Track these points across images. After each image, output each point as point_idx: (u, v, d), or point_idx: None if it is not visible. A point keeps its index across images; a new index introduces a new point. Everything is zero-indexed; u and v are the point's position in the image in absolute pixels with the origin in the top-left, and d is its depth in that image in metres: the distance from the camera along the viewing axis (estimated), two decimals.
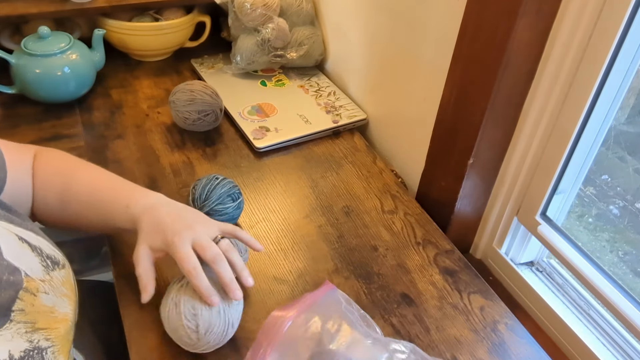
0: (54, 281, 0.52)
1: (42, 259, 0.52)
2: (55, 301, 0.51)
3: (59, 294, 0.52)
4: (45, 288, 0.50)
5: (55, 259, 0.55)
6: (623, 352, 0.71)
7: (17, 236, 0.51)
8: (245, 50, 1.12)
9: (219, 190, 0.76)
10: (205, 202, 0.76)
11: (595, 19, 0.63)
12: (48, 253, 0.54)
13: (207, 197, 0.76)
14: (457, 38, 0.75)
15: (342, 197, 0.89)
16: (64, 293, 0.53)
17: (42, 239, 0.55)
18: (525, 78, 0.72)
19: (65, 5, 1.08)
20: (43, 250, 0.54)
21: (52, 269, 0.53)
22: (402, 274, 0.77)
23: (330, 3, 1.13)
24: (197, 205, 0.76)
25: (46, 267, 0.52)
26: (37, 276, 0.50)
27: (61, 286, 0.53)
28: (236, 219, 0.80)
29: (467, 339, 0.69)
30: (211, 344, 0.61)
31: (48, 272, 0.52)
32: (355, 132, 1.05)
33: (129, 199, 0.67)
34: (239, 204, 0.78)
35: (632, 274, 0.78)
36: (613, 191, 0.82)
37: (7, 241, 0.49)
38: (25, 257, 0.50)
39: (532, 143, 0.76)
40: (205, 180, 0.77)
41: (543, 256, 0.85)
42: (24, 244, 0.51)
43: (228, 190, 0.77)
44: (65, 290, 0.53)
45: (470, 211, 0.87)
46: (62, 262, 0.56)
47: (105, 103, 1.06)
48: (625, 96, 0.67)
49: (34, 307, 0.48)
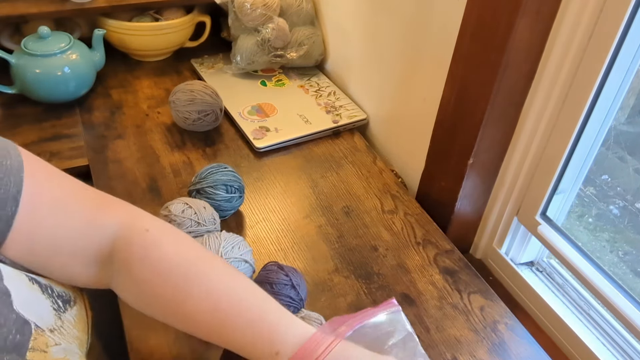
0: (65, 326, 0.48)
1: (53, 300, 0.48)
2: (67, 350, 0.47)
3: (71, 339, 0.48)
4: (55, 339, 0.46)
5: (65, 296, 0.50)
6: (623, 352, 0.71)
7: (27, 277, 0.47)
8: (245, 50, 1.12)
9: (217, 176, 0.78)
10: (199, 181, 0.78)
11: (595, 19, 0.63)
12: (58, 292, 0.49)
13: (203, 177, 0.79)
14: (457, 38, 0.75)
15: (342, 197, 0.89)
16: (75, 336, 0.49)
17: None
18: (525, 78, 0.72)
19: (65, 5, 1.08)
20: (54, 289, 0.49)
21: (64, 310, 0.48)
22: (402, 274, 0.77)
23: (330, 3, 1.13)
24: (193, 181, 0.79)
25: (57, 309, 0.48)
26: (47, 326, 0.46)
27: (73, 329, 0.49)
28: (226, 211, 0.80)
29: (467, 339, 0.69)
30: None
31: (59, 317, 0.48)
32: (355, 132, 1.05)
33: (277, 335, 0.48)
34: (232, 198, 0.79)
35: (632, 274, 0.78)
36: (613, 191, 0.82)
37: (18, 286, 0.44)
38: (36, 303, 0.45)
39: (532, 143, 0.76)
40: (215, 165, 0.80)
41: (543, 256, 0.85)
42: (35, 285, 0.47)
43: (225, 180, 0.78)
44: (77, 333, 0.49)
45: (470, 211, 0.87)
46: (72, 297, 0.51)
47: (105, 103, 1.06)
48: (625, 96, 0.67)
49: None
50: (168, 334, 0.66)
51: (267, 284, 0.64)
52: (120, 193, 0.85)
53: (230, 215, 0.83)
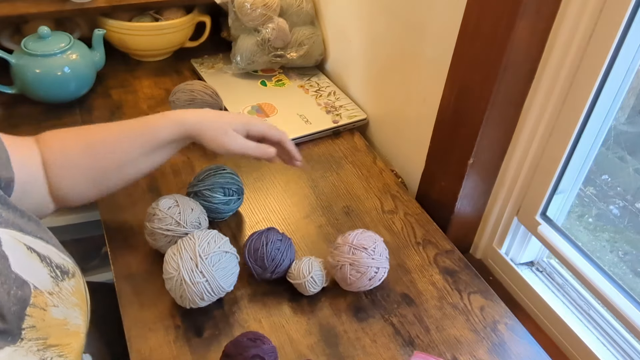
0: (63, 292, 0.51)
1: (51, 269, 0.51)
2: (66, 313, 0.50)
3: (70, 305, 0.51)
4: (54, 301, 0.49)
5: (64, 268, 0.54)
6: (623, 352, 0.71)
7: (25, 246, 0.50)
8: (245, 50, 1.12)
9: (216, 178, 0.77)
10: (197, 183, 0.77)
11: (595, 19, 0.63)
12: (57, 262, 0.53)
13: (201, 179, 0.78)
14: (457, 38, 0.75)
15: (342, 197, 0.89)
16: (74, 303, 0.52)
17: (51, 247, 0.54)
18: (525, 78, 0.72)
19: (65, 5, 1.08)
20: (52, 259, 0.53)
21: (62, 279, 0.52)
22: (402, 274, 0.77)
23: (330, 3, 1.13)
24: (191, 183, 0.78)
25: (55, 277, 0.51)
26: (46, 288, 0.49)
27: (71, 296, 0.52)
28: (223, 214, 0.79)
29: (467, 339, 0.69)
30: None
31: (57, 283, 0.51)
32: (355, 132, 1.05)
33: (161, 115, 0.70)
34: (229, 201, 0.78)
35: (632, 274, 0.78)
36: (613, 191, 0.82)
37: (16, 252, 0.48)
38: (33, 269, 0.49)
39: (532, 143, 0.76)
40: (214, 166, 0.79)
41: (543, 256, 0.85)
42: (33, 254, 0.50)
43: (223, 183, 0.77)
44: (75, 300, 0.53)
45: (470, 211, 0.87)
46: (71, 270, 0.55)
47: (105, 103, 1.06)
48: (625, 96, 0.67)
49: (44, 322, 0.47)
50: (168, 334, 0.66)
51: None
52: (120, 193, 0.85)
53: (229, 216, 0.83)
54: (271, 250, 0.70)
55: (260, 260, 0.70)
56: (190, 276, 0.63)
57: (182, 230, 0.71)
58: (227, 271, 0.66)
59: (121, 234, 0.79)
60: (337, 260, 0.69)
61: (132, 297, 0.70)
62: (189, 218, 0.72)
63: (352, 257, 0.69)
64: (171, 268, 0.64)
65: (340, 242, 0.71)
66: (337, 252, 0.70)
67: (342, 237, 0.72)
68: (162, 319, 0.67)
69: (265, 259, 0.69)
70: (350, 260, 0.68)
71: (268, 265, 0.69)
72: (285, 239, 0.72)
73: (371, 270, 0.69)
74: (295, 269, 0.70)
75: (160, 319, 0.68)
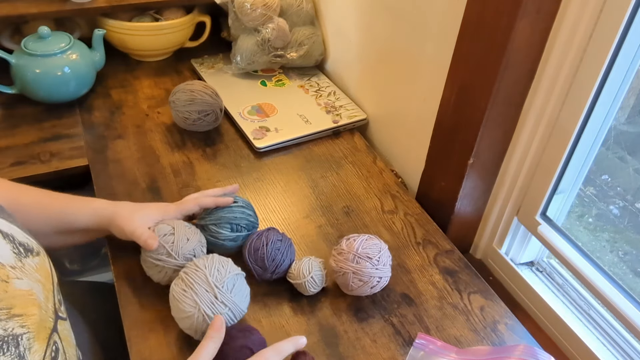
0: (26, 268, 0.51)
1: (14, 246, 0.51)
2: (31, 285, 0.50)
3: (34, 279, 0.51)
4: (17, 274, 0.49)
5: (28, 246, 0.54)
6: (623, 352, 0.71)
7: None
8: (245, 50, 1.12)
9: (223, 212, 0.72)
10: (205, 216, 0.73)
11: (595, 19, 0.63)
12: (21, 240, 0.53)
13: (209, 212, 0.73)
14: (457, 38, 0.75)
15: (342, 197, 0.89)
16: (37, 279, 0.52)
17: (15, 227, 0.54)
18: (525, 78, 0.72)
19: (65, 5, 1.08)
20: (15, 237, 0.53)
21: (25, 255, 0.52)
22: (402, 274, 0.77)
23: (330, 3, 1.13)
24: (203, 213, 0.74)
25: (18, 254, 0.51)
26: (7, 262, 0.49)
27: (35, 272, 0.52)
28: (230, 249, 0.73)
29: (467, 339, 0.69)
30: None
31: (20, 259, 0.51)
32: (355, 132, 1.05)
33: (87, 200, 0.72)
34: (237, 238, 0.72)
35: (632, 274, 0.78)
36: (613, 191, 0.82)
37: None
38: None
39: (532, 143, 0.76)
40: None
41: (543, 256, 0.85)
42: None
43: (231, 218, 0.72)
44: (39, 277, 0.53)
45: (470, 211, 0.87)
46: (36, 249, 0.55)
47: (105, 103, 1.06)
48: (625, 96, 0.67)
49: (7, 293, 0.47)
50: (168, 334, 0.66)
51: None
52: (121, 193, 0.85)
53: None
54: (271, 250, 0.69)
55: (260, 261, 0.69)
56: (213, 309, 0.60)
57: (173, 262, 0.66)
58: (243, 293, 0.64)
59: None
60: (340, 267, 0.69)
61: (132, 297, 0.70)
62: (182, 250, 0.67)
63: (355, 266, 0.68)
64: (188, 306, 0.60)
65: (344, 249, 0.70)
66: (341, 259, 0.69)
67: (347, 241, 0.71)
68: (162, 319, 0.67)
69: (265, 260, 0.69)
70: (354, 269, 0.68)
71: (268, 265, 0.69)
72: (285, 239, 0.72)
73: (374, 279, 0.69)
74: (295, 269, 0.70)
75: (160, 319, 0.68)
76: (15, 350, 0.44)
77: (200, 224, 0.73)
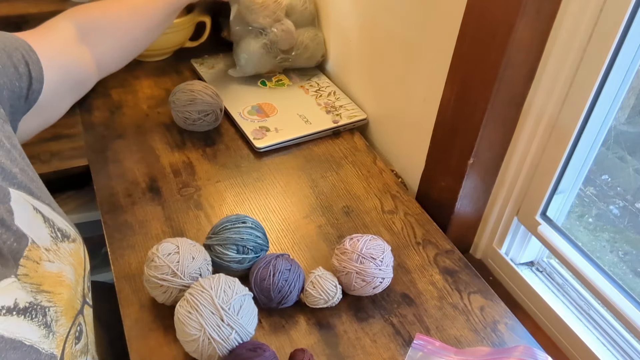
0: (60, 251, 0.53)
1: (52, 230, 0.53)
2: (61, 268, 0.52)
3: (66, 262, 0.53)
4: (49, 257, 0.51)
5: (66, 232, 0.56)
6: (623, 352, 0.71)
7: (32, 206, 0.52)
8: (251, 54, 1.10)
9: (230, 233, 0.70)
10: (211, 235, 0.71)
11: (595, 19, 0.63)
12: (60, 227, 0.55)
13: (216, 232, 0.71)
14: (457, 38, 0.75)
15: (342, 197, 0.89)
16: (71, 263, 0.54)
17: (57, 214, 0.56)
18: (525, 78, 0.72)
19: (65, 6, 1.08)
20: (55, 223, 0.55)
21: (62, 240, 0.54)
22: (402, 274, 0.77)
23: (330, 3, 1.13)
24: (210, 232, 0.72)
25: (55, 237, 0.53)
26: (43, 244, 0.51)
27: (69, 257, 0.54)
28: (235, 271, 0.70)
29: (467, 339, 0.69)
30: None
31: (56, 243, 0.53)
32: (355, 132, 1.05)
33: None
34: (244, 260, 0.70)
35: (632, 274, 0.78)
36: (613, 191, 0.82)
37: (22, 208, 0.50)
38: (36, 226, 0.51)
39: (532, 143, 0.76)
40: (233, 217, 0.72)
41: (543, 256, 0.85)
42: (38, 214, 0.52)
43: (237, 239, 0.69)
44: (72, 261, 0.54)
45: (470, 211, 0.87)
46: (73, 236, 0.57)
47: (105, 103, 1.06)
48: (625, 96, 0.67)
49: (37, 272, 0.49)
50: (168, 334, 0.66)
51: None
52: (121, 193, 0.85)
53: None
54: (278, 281, 0.66)
55: (266, 291, 0.67)
56: (219, 333, 0.58)
57: (179, 282, 0.64)
58: (250, 314, 0.62)
59: (121, 234, 0.79)
60: (344, 267, 0.69)
61: (132, 297, 0.70)
62: (188, 269, 0.65)
63: (359, 266, 0.68)
64: (192, 329, 0.59)
65: (348, 248, 0.70)
66: (345, 258, 0.69)
67: (350, 241, 0.71)
68: (162, 319, 0.68)
69: (271, 291, 0.66)
70: (358, 269, 0.68)
71: (274, 297, 0.66)
72: (294, 268, 0.68)
73: (377, 280, 0.69)
74: (310, 296, 0.69)
75: (160, 319, 0.68)
76: (43, 319, 0.47)
77: (207, 243, 0.71)
